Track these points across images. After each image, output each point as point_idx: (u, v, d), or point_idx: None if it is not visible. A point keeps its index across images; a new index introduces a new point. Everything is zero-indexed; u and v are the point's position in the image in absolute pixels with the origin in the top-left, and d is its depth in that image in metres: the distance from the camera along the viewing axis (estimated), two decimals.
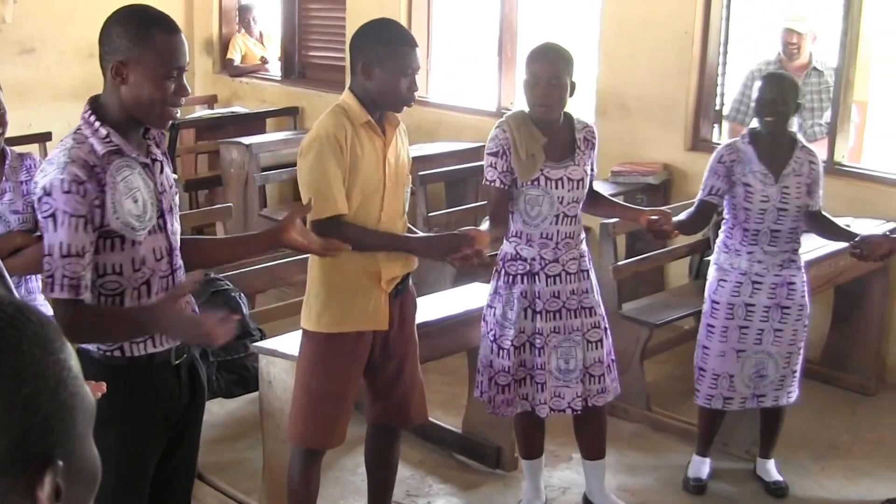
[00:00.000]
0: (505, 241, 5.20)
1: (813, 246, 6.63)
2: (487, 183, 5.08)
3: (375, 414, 4.94)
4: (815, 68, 8.18)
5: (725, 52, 8.24)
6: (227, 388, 5.73)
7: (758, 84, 5.59)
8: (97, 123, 3.48)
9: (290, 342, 5.24)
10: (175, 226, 3.69)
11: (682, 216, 5.56)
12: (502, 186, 5.04)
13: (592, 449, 5.58)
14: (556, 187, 5.04)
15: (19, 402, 1.34)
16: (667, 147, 8.32)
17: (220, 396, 5.72)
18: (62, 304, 3.38)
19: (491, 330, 5.21)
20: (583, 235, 5.26)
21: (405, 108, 4.54)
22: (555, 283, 5.14)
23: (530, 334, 5.16)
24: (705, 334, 5.74)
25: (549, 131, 5.06)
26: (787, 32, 8.24)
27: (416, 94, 4.54)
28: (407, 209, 4.72)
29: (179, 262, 3.72)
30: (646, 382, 6.76)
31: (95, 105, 3.53)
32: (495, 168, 5.04)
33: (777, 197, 5.49)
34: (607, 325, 5.36)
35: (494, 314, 5.20)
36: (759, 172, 5.50)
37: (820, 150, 7.69)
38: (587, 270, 5.25)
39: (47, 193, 3.35)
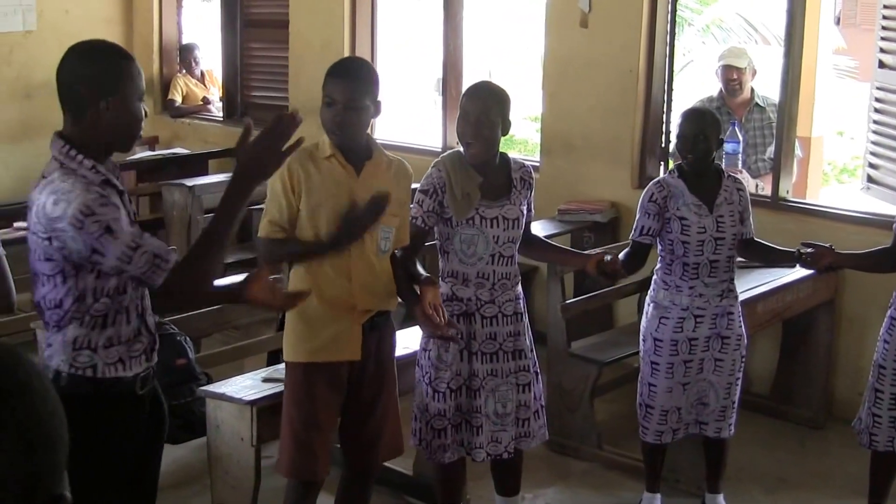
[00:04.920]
0: (440, 281, 5.17)
1: (759, 280, 6.69)
2: (410, 218, 5.04)
3: (347, 451, 4.98)
4: (757, 104, 8.21)
5: (670, 90, 8.25)
6: (174, 433, 5.62)
7: (678, 121, 5.59)
8: (80, 156, 3.51)
9: (237, 386, 5.23)
10: None
11: (621, 257, 5.50)
12: (422, 225, 5.05)
13: (509, 486, 5.55)
14: (492, 226, 5.05)
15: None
16: (613, 185, 8.31)
17: (166, 443, 5.63)
18: (175, 266, 3.54)
19: (426, 373, 5.16)
20: (518, 277, 5.24)
21: (336, 136, 4.60)
22: (491, 324, 5.13)
23: (466, 377, 5.13)
24: (650, 372, 5.69)
25: (485, 171, 5.06)
26: (726, 69, 8.28)
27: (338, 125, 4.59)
28: (387, 248, 4.76)
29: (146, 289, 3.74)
30: (596, 421, 6.71)
31: (66, 140, 3.56)
32: (420, 206, 5.05)
33: (713, 227, 5.49)
34: (538, 370, 5.33)
35: (429, 356, 5.15)
36: (692, 205, 5.50)
37: (764, 186, 7.77)
38: (521, 313, 5.23)
39: (87, 215, 3.37)
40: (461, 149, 5.11)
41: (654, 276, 5.72)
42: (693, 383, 5.64)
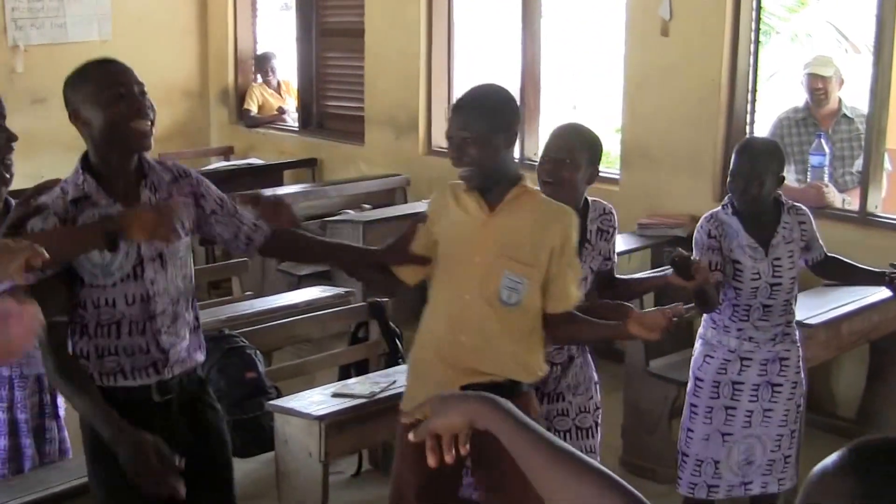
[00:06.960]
0: None
1: (844, 300, 6.51)
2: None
3: None
4: (844, 115, 7.98)
5: (754, 100, 8.07)
6: (243, 447, 5.59)
7: (733, 153, 5.17)
8: (80, 169, 3.71)
9: (306, 401, 5.18)
10: (155, 274, 3.77)
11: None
12: None
13: None
14: None
15: None
16: (694, 198, 8.09)
17: (234, 456, 5.57)
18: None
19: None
20: None
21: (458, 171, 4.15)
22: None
23: None
24: (689, 415, 5.28)
25: None
26: (812, 78, 8.05)
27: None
28: (513, 300, 4.09)
29: (160, 307, 3.79)
30: (674, 442, 6.49)
31: (85, 154, 3.77)
32: None
33: (769, 272, 5.05)
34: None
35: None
36: (747, 247, 5.04)
37: (851, 200, 7.56)
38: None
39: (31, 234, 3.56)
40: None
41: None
42: (739, 438, 5.22)
